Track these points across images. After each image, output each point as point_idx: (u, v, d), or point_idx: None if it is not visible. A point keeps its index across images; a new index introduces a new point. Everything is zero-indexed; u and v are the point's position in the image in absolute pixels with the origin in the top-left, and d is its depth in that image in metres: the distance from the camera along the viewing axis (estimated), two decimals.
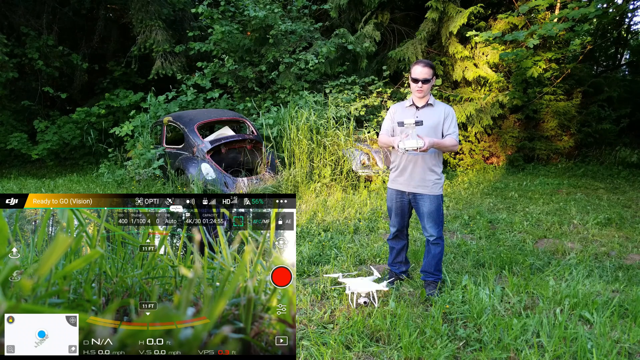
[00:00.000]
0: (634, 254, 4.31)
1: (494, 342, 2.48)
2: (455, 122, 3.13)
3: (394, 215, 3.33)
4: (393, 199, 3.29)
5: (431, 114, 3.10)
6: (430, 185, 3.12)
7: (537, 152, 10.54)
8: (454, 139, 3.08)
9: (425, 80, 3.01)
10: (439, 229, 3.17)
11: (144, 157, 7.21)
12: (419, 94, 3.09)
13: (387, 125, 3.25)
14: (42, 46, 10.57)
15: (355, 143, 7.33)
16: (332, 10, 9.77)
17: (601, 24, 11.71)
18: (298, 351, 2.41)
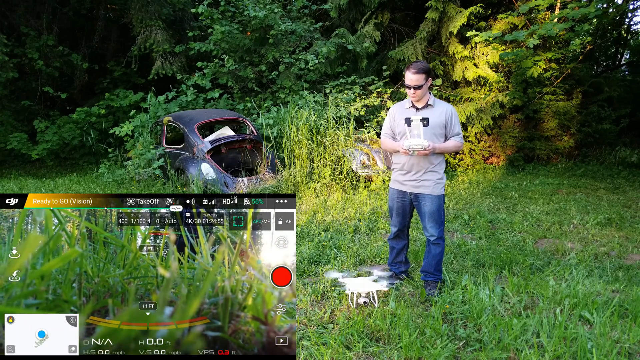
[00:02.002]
0: (634, 254, 4.31)
1: (494, 342, 2.48)
2: (458, 121, 3.16)
3: (395, 215, 3.34)
4: (394, 199, 3.31)
5: (432, 114, 3.11)
6: (432, 186, 3.14)
7: (537, 152, 10.53)
8: (459, 141, 3.13)
9: (417, 87, 3.03)
10: (440, 229, 3.18)
11: (144, 157, 7.21)
12: (413, 99, 3.14)
13: (387, 126, 3.28)
14: (42, 46, 10.56)
15: (355, 143, 7.32)
16: (332, 10, 9.77)
17: (601, 24, 11.71)
18: (298, 351, 2.41)
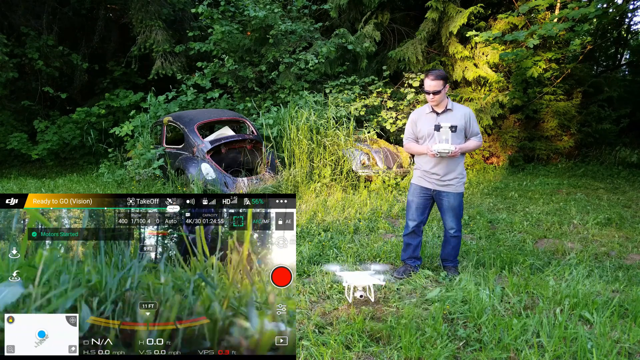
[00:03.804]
0: (634, 254, 4.31)
1: (494, 342, 2.48)
2: (476, 121, 3.44)
3: (415, 210, 3.53)
4: (416, 194, 3.52)
5: (452, 118, 3.34)
6: (455, 184, 3.40)
7: (537, 152, 10.53)
8: (478, 140, 3.42)
9: (436, 92, 3.27)
10: (459, 223, 3.48)
11: (144, 157, 7.20)
12: (432, 104, 3.37)
13: (409, 131, 3.54)
14: (42, 46, 10.55)
15: (355, 143, 7.33)
16: (332, 10, 9.77)
17: (601, 24, 11.69)
18: (298, 351, 2.41)
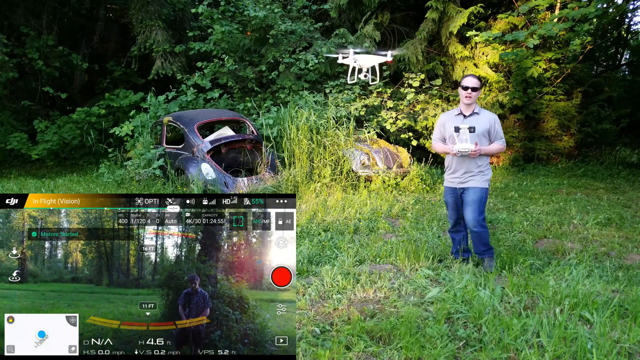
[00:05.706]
0: (634, 254, 4.31)
1: (494, 342, 2.48)
2: (500, 127, 3.58)
3: (451, 209, 3.77)
4: (448, 195, 3.73)
5: (478, 121, 3.48)
6: (477, 179, 3.56)
7: (537, 152, 10.53)
8: (501, 144, 3.57)
9: (474, 89, 3.44)
10: (476, 217, 3.56)
11: (144, 157, 7.20)
12: (467, 100, 3.49)
13: (438, 132, 3.71)
14: (42, 46, 10.55)
15: (355, 143, 7.33)
16: (332, 10, 9.76)
17: (601, 24, 11.70)
18: (298, 351, 2.41)
